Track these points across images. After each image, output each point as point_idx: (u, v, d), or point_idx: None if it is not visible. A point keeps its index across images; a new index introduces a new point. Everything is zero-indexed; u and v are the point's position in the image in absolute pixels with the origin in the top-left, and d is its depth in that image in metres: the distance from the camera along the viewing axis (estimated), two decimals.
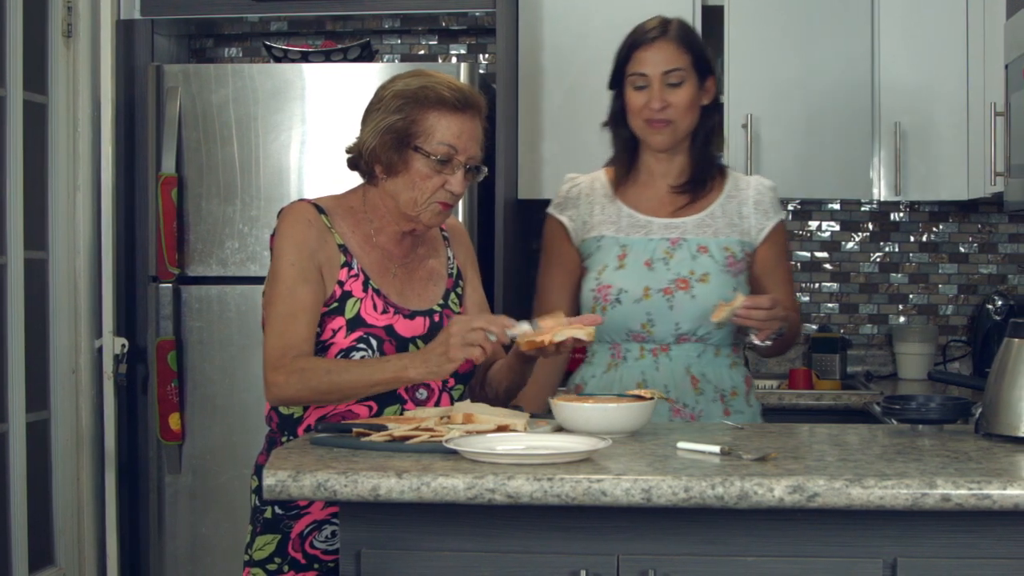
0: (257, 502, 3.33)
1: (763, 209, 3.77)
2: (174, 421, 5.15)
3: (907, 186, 5.37)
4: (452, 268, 3.47)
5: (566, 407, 3.00)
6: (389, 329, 3.25)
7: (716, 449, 2.76)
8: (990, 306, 5.45)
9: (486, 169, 3.35)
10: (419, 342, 3.27)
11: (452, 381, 3.30)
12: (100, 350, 5.41)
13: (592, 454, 2.72)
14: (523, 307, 5.73)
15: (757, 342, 3.46)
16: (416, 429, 2.89)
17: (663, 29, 3.69)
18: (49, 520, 5.30)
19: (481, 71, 5.59)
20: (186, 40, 5.93)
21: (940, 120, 5.34)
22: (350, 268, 3.27)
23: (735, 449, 2.79)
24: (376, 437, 2.86)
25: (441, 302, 3.39)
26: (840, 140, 5.35)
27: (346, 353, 3.21)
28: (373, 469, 2.60)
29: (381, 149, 3.23)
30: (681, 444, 2.84)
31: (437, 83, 3.23)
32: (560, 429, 3.01)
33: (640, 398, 3.10)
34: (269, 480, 2.61)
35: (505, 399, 3.39)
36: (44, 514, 5.26)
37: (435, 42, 5.99)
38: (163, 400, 5.15)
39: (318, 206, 3.31)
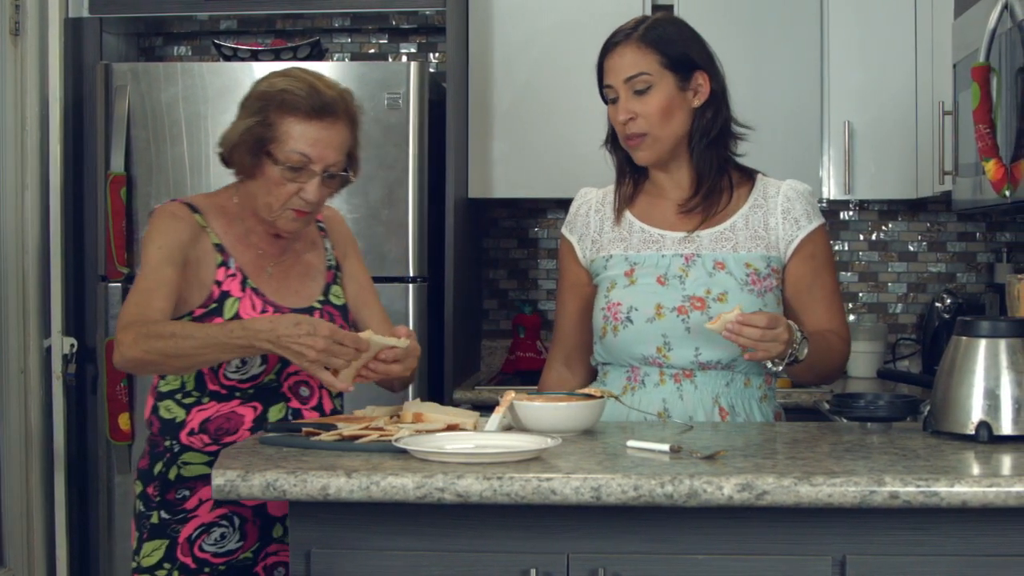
0: (141, 507, 3.29)
1: (793, 217, 3.39)
2: (124, 421, 5.13)
3: (856, 185, 5.39)
4: (331, 260, 3.43)
5: (516, 405, 3.00)
6: None
7: (665, 448, 2.76)
8: (939, 304, 5.47)
9: (352, 176, 3.29)
10: None
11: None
12: (49, 350, 5.38)
13: (542, 453, 2.72)
14: (472, 306, 5.74)
15: (769, 365, 3.21)
16: (366, 428, 2.89)
17: (629, 31, 3.36)
18: None
19: (431, 70, 5.59)
20: (135, 38, 5.90)
21: (889, 119, 5.36)
22: (227, 267, 3.24)
23: (684, 447, 2.79)
24: (325, 437, 2.85)
25: (321, 298, 3.35)
26: (789, 139, 5.37)
27: None
28: (322, 468, 2.60)
29: (238, 149, 3.20)
30: (631, 443, 2.84)
31: (298, 87, 3.17)
32: (510, 428, 3.01)
33: (590, 396, 3.10)
34: (218, 480, 2.60)
35: (400, 389, 3.40)
36: None
37: (385, 41, 5.98)
38: (112, 400, 5.12)
39: (191, 205, 3.29)
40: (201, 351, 3.04)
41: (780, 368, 3.22)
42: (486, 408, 3.34)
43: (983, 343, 2.96)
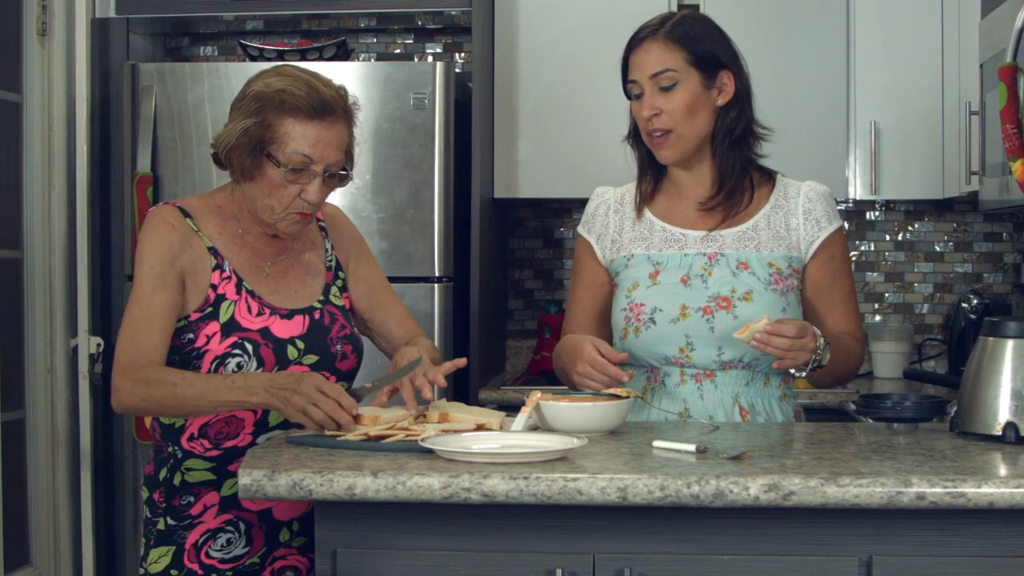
0: (148, 513, 3.28)
1: (814, 218, 3.41)
2: (149, 420, 5.13)
3: (882, 185, 5.38)
4: (331, 261, 3.37)
5: (542, 406, 3.00)
6: (265, 332, 3.18)
7: (691, 448, 2.76)
8: (965, 305, 5.46)
9: (351, 174, 3.24)
10: (298, 342, 3.21)
11: (333, 378, 3.17)
12: (75, 349, 5.40)
13: (568, 453, 2.72)
14: (497, 306, 5.74)
15: (792, 371, 3.23)
16: (392, 428, 2.88)
17: (656, 27, 3.35)
18: (25, 520, 5.28)
19: (457, 70, 5.59)
20: (161, 39, 5.91)
21: (915, 119, 5.35)
22: (222, 271, 3.19)
23: (710, 448, 2.79)
24: (352, 436, 2.85)
25: (322, 298, 3.31)
26: (815, 139, 5.36)
27: (221, 360, 3.13)
28: (349, 468, 2.60)
29: (235, 152, 3.13)
30: (657, 443, 2.84)
31: (296, 86, 3.11)
32: (536, 428, 3.00)
33: (616, 397, 3.09)
34: (244, 480, 2.60)
35: None
36: (20, 514, 5.25)
37: (411, 41, 5.98)
38: None
39: (183, 209, 3.23)
40: (199, 400, 3.04)
41: (803, 374, 3.22)
42: (512, 408, 3.34)
43: (1010, 344, 2.95)
